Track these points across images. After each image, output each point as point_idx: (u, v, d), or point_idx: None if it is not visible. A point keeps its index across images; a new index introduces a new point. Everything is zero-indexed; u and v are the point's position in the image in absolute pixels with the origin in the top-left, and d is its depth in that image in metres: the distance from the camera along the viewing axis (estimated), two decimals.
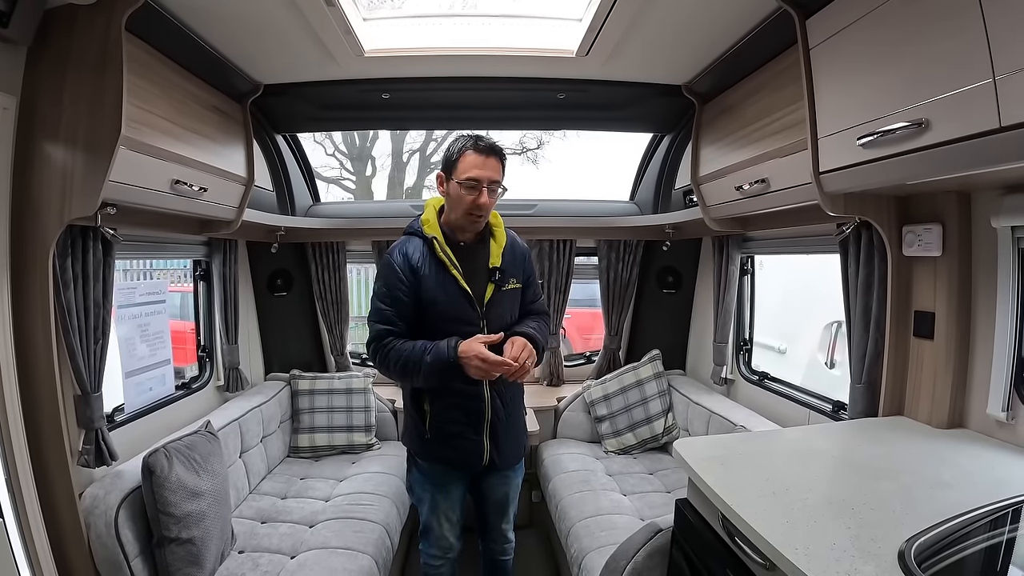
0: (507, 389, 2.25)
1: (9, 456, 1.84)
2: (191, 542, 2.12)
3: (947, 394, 2.01)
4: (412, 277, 2.12)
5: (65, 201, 1.87)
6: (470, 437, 2.20)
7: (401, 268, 2.12)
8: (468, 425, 2.19)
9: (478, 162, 2.07)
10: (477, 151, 2.08)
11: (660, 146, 3.79)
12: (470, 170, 2.06)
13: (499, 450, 2.25)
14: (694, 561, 1.74)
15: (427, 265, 2.13)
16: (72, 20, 1.85)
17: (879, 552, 1.21)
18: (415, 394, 2.21)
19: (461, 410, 2.18)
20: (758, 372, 3.39)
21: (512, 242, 2.30)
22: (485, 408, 2.19)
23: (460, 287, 2.12)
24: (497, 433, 2.23)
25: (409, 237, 2.22)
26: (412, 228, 2.24)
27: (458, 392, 2.15)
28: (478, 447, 2.21)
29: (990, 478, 1.61)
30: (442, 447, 2.21)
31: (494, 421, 2.22)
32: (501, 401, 2.23)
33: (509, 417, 2.27)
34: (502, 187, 2.14)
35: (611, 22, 2.25)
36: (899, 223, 2.11)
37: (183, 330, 4.12)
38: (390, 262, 2.15)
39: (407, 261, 2.13)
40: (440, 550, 2.39)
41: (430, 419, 2.18)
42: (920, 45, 1.49)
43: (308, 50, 2.51)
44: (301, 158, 3.86)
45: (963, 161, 1.43)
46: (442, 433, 2.19)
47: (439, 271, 2.13)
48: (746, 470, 1.73)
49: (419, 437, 2.24)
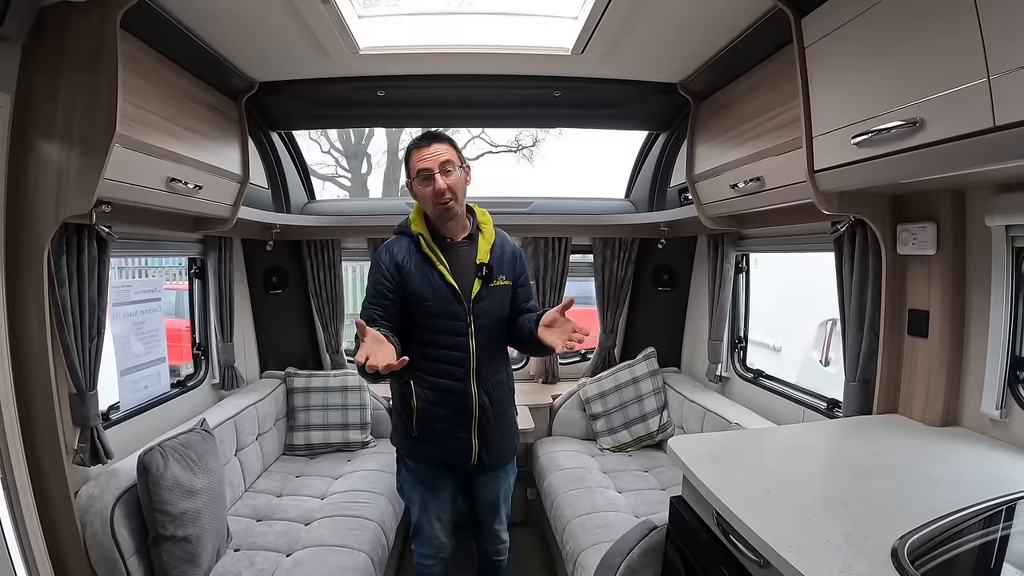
0: (495, 386, 2.24)
1: (4, 455, 1.83)
2: (187, 540, 2.12)
3: (941, 392, 2.02)
4: (397, 274, 2.13)
5: (60, 199, 1.86)
6: (457, 435, 2.19)
7: (386, 266, 2.14)
8: (455, 423, 2.18)
9: (422, 154, 2.12)
10: (418, 146, 2.14)
11: (655, 144, 3.79)
12: (417, 164, 2.12)
13: (488, 450, 2.24)
14: (688, 558, 1.75)
15: (413, 261, 2.15)
16: (67, 18, 1.84)
17: (872, 549, 1.21)
18: (403, 391, 2.21)
19: (448, 407, 2.17)
20: (753, 370, 3.40)
21: (502, 240, 2.31)
22: (472, 406, 2.18)
23: (447, 282, 2.13)
24: (486, 432, 2.22)
25: (398, 236, 2.24)
26: (401, 228, 2.26)
27: (444, 389, 2.15)
28: (466, 446, 2.21)
29: (984, 476, 1.62)
30: (429, 446, 2.21)
31: (482, 420, 2.21)
32: (489, 399, 2.22)
33: (498, 416, 2.26)
34: (460, 166, 2.17)
35: (606, 20, 2.25)
36: (893, 222, 2.12)
37: (178, 328, 4.12)
38: (377, 261, 2.17)
39: (392, 259, 2.15)
40: (432, 549, 2.39)
41: (417, 416, 2.17)
42: (915, 44, 1.49)
43: (303, 48, 2.51)
44: (296, 156, 3.85)
45: (957, 160, 1.44)
46: (429, 431, 2.18)
47: (425, 267, 2.14)
48: (740, 467, 1.74)
49: (407, 436, 2.23)
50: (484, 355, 2.19)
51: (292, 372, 3.73)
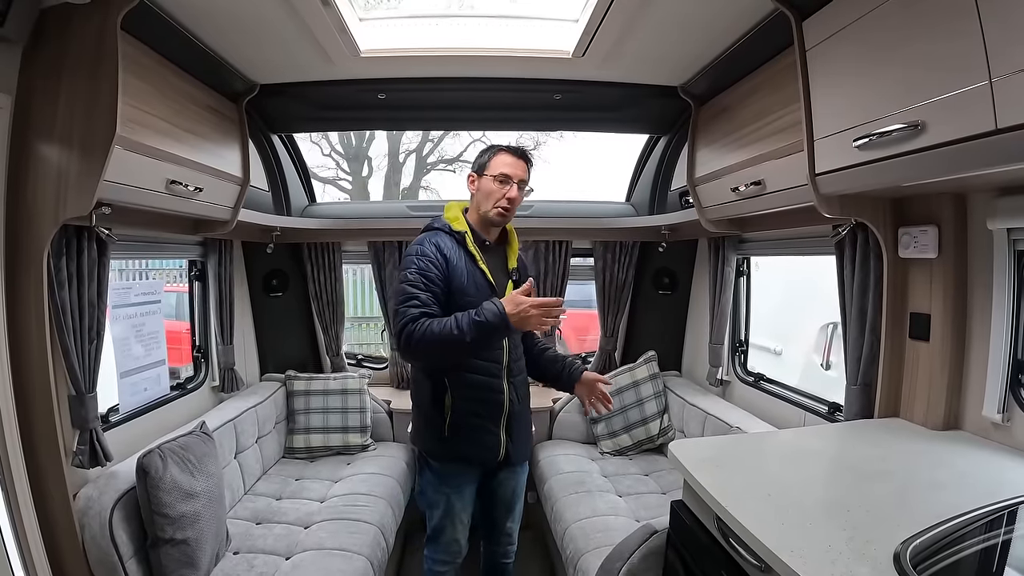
0: (519, 382, 2.35)
1: (3, 457, 1.83)
2: (186, 543, 2.12)
3: (943, 396, 2.02)
4: (445, 266, 2.18)
5: (60, 201, 1.86)
6: (491, 430, 2.27)
7: (435, 256, 2.18)
8: (489, 418, 2.27)
9: (510, 161, 2.27)
10: (510, 152, 2.29)
11: (656, 147, 3.78)
12: (502, 167, 2.26)
13: (514, 444, 2.33)
14: (689, 563, 1.74)
15: (459, 257, 2.21)
16: (68, 20, 1.84)
17: (874, 554, 1.21)
18: (435, 391, 2.24)
19: (483, 403, 2.24)
20: (754, 373, 3.39)
21: (521, 251, 2.45)
22: (503, 400, 2.27)
23: (488, 280, 2.23)
24: (512, 426, 2.31)
25: (436, 232, 2.28)
26: (438, 224, 2.31)
27: (480, 385, 2.23)
28: (496, 441, 2.28)
29: (986, 480, 1.61)
30: (462, 443, 2.25)
31: (510, 413, 2.29)
32: (516, 394, 2.32)
33: (523, 409, 2.38)
34: (528, 187, 2.32)
35: (607, 23, 2.25)
36: (895, 225, 2.12)
37: (178, 330, 4.12)
38: (423, 250, 2.19)
39: (439, 250, 2.19)
40: (449, 555, 2.42)
41: (451, 415, 2.22)
42: (916, 47, 1.49)
43: (304, 50, 2.50)
44: (297, 158, 3.84)
45: (959, 163, 1.43)
46: (464, 428, 2.23)
47: (469, 264, 2.22)
48: (741, 471, 1.74)
49: (436, 436, 2.26)
50: (515, 352, 2.32)
51: (292, 375, 3.73)
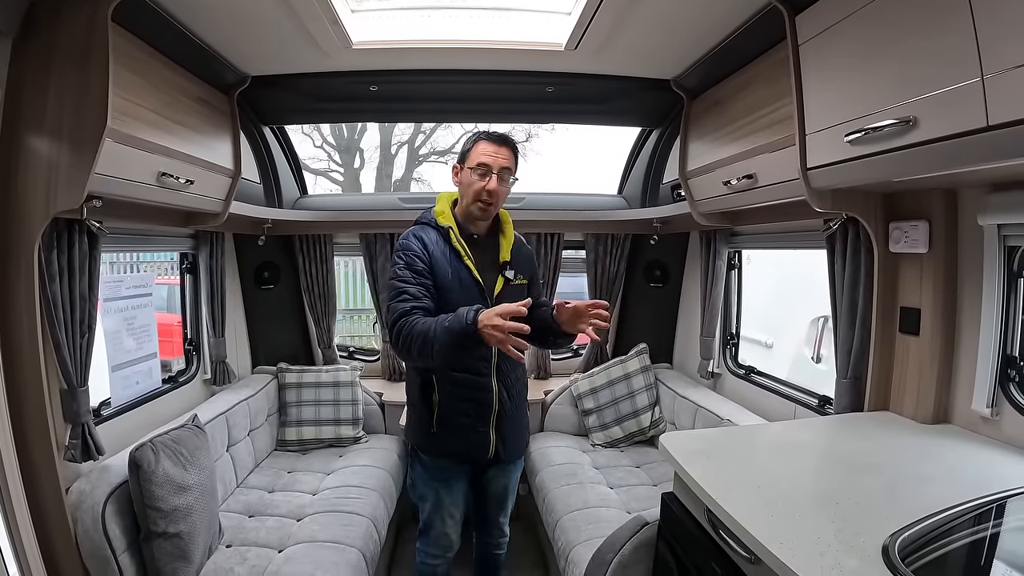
0: (513, 382, 2.29)
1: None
2: (178, 536, 2.11)
3: (932, 390, 2.03)
4: (429, 260, 2.14)
5: (50, 194, 1.85)
6: (478, 429, 2.23)
7: (420, 250, 2.14)
8: (477, 417, 2.22)
9: (490, 149, 2.16)
10: (489, 140, 2.17)
11: (648, 140, 3.79)
12: (481, 156, 2.15)
13: (504, 442, 2.29)
14: (680, 554, 1.76)
15: (442, 252, 2.17)
16: (58, 11, 1.83)
17: (863, 546, 1.22)
18: (424, 387, 2.22)
19: (470, 402, 2.21)
20: (745, 366, 3.41)
21: (519, 242, 2.37)
22: (492, 400, 2.23)
23: (473, 277, 2.16)
24: (503, 425, 2.27)
25: (422, 227, 2.25)
26: (425, 219, 2.27)
27: (467, 383, 2.19)
28: (485, 439, 2.25)
29: (974, 473, 1.63)
30: (450, 439, 2.23)
31: (500, 414, 2.25)
32: (507, 393, 2.27)
33: (515, 410, 2.32)
34: (513, 177, 2.21)
35: (600, 16, 2.25)
36: (886, 219, 2.13)
37: (170, 323, 4.10)
38: (407, 244, 2.17)
39: (424, 245, 2.16)
40: (440, 549, 2.41)
41: (439, 411, 2.20)
42: (909, 43, 1.49)
43: (296, 41, 2.49)
44: (288, 150, 3.83)
45: (950, 159, 1.44)
46: (451, 424, 2.21)
47: (453, 260, 2.17)
48: (731, 464, 1.75)
49: (425, 431, 2.25)
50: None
51: (284, 367, 3.73)
